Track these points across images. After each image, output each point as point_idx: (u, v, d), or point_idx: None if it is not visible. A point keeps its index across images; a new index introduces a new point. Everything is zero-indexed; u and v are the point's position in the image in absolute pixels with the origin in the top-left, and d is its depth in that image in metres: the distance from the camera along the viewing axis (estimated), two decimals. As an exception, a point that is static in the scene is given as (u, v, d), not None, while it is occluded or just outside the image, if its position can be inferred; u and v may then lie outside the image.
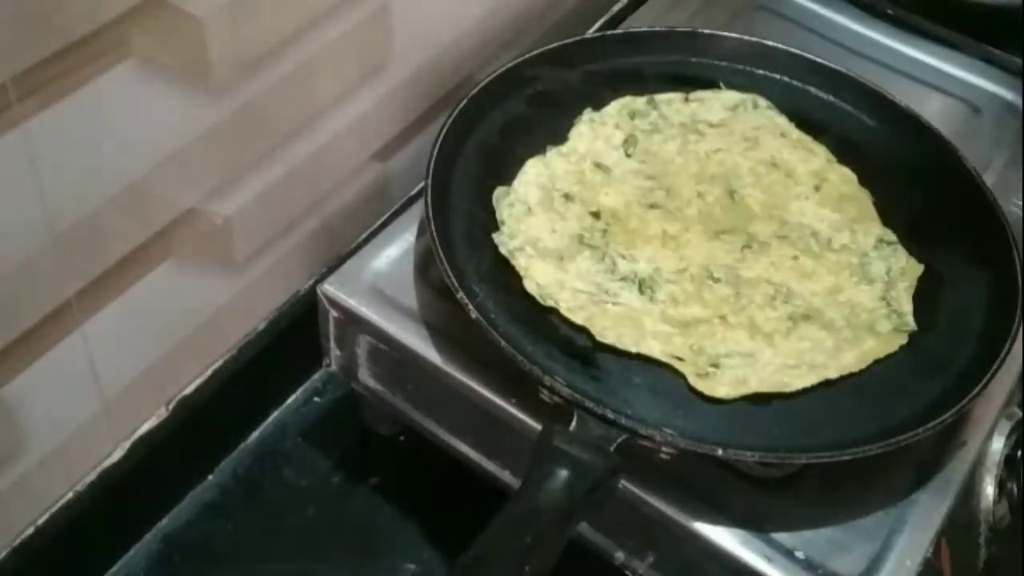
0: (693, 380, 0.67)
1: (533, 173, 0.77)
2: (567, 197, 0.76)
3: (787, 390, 0.68)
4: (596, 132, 0.81)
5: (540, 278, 0.71)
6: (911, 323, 0.72)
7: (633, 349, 0.68)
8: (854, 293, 0.73)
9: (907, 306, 0.73)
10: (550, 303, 0.70)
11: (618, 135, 0.81)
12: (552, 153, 0.79)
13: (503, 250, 0.72)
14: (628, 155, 0.80)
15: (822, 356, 0.70)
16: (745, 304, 0.72)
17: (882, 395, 0.68)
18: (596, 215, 0.76)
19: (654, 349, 0.68)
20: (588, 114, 0.82)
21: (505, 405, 0.70)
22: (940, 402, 0.67)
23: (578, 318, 0.69)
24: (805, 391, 0.68)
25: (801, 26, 1.01)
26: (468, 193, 0.76)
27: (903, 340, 0.71)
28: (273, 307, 0.83)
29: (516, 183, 0.77)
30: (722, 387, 0.67)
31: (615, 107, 0.83)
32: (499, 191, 0.76)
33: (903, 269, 0.75)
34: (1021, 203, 0.84)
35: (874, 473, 0.68)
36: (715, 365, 0.68)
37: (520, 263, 0.72)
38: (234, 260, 0.76)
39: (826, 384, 0.68)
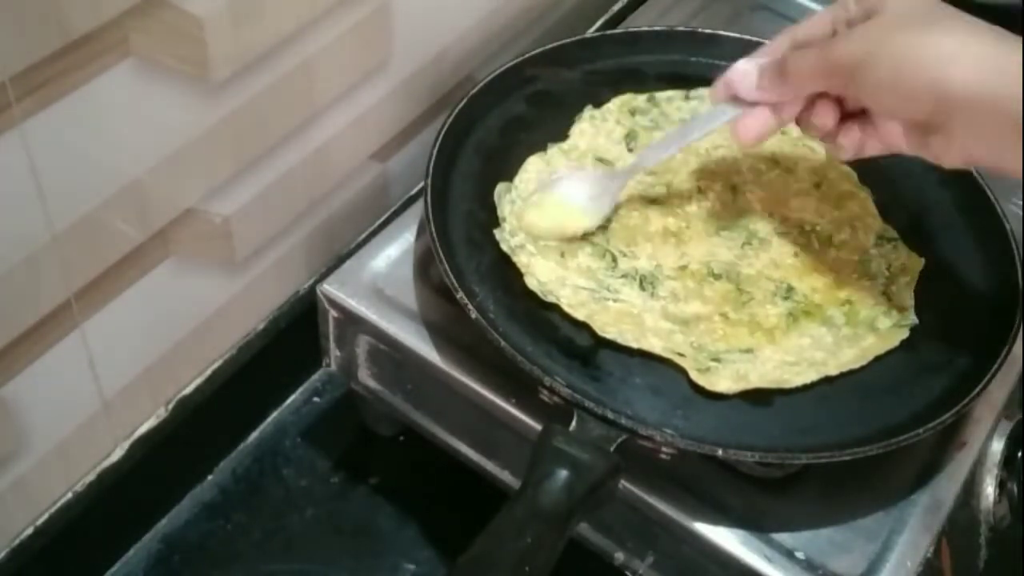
0: (694, 375, 0.67)
1: (534, 170, 0.77)
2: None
3: (787, 386, 0.68)
4: (597, 128, 0.81)
5: (541, 275, 0.71)
6: (912, 317, 0.72)
7: (634, 345, 0.68)
8: (855, 289, 0.73)
9: (908, 300, 0.73)
10: (551, 300, 0.70)
11: (619, 131, 0.81)
12: (553, 150, 0.79)
13: (504, 247, 0.72)
14: (630, 150, 0.80)
15: (822, 353, 0.70)
16: (746, 301, 0.72)
17: (882, 395, 0.68)
18: None
19: (655, 346, 0.69)
20: (589, 111, 0.82)
21: (505, 405, 0.70)
22: (940, 402, 0.67)
23: (579, 315, 0.69)
24: (805, 390, 0.68)
25: (801, 26, 1.00)
26: (468, 193, 0.76)
27: (903, 335, 0.71)
28: (273, 307, 0.83)
29: (517, 180, 0.77)
30: (723, 382, 0.67)
31: (616, 104, 0.83)
32: (500, 187, 0.76)
33: (903, 265, 0.75)
34: (1021, 203, 0.84)
35: (874, 473, 0.68)
36: (716, 360, 0.68)
37: (521, 260, 0.72)
38: (233, 260, 0.76)
39: (826, 382, 0.68)
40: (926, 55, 0.58)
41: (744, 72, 0.66)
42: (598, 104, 0.83)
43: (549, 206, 0.73)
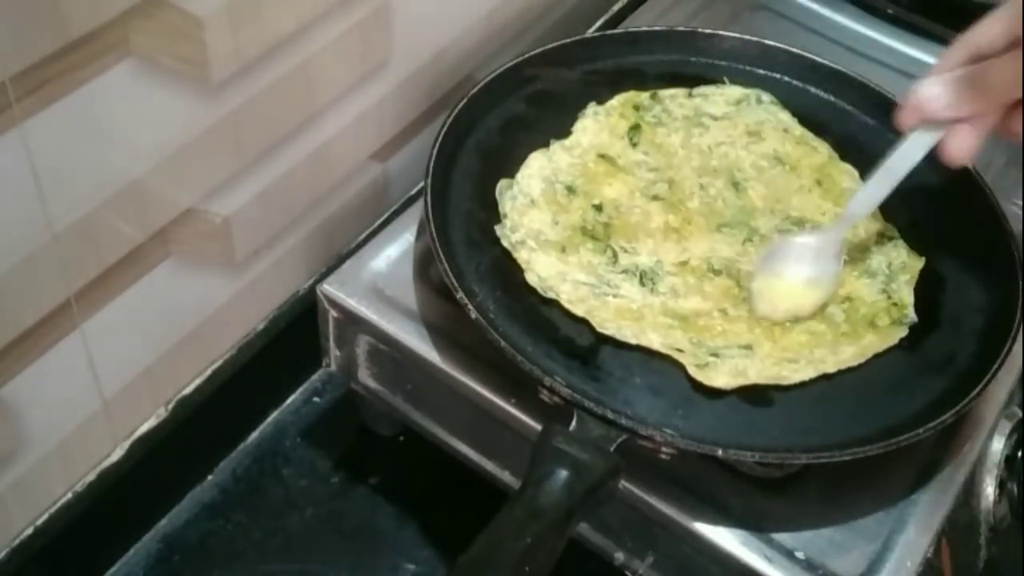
0: (692, 370, 0.67)
1: (536, 166, 0.78)
2: (570, 190, 0.77)
3: (785, 383, 0.68)
4: (601, 124, 0.81)
5: (542, 271, 0.71)
6: (912, 315, 0.72)
7: (633, 341, 0.68)
8: (855, 287, 0.73)
9: (908, 298, 0.73)
10: (551, 295, 0.70)
11: (623, 125, 0.81)
12: (556, 146, 0.79)
13: (505, 243, 0.72)
14: (634, 144, 0.80)
15: (821, 350, 0.70)
16: (745, 297, 0.72)
17: (882, 395, 0.68)
18: (599, 208, 0.76)
19: (653, 341, 0.69)
20: (592, 108, 0.82)
21: (505, 405, 0.70)
22: (940, 402, 0.67)
23: (579, 310, 0.70)
24: (805, 389, 0.68)
25: (801, 26, 1.01)
26: (468, 193, 0.76)
27: (902, 333, 0.71)
28: (273, 307, 0.83)
29: (519, 176, 0.77)
30: (721, 377, 0.67)
31: (619, 100, 0.83)
32: (502, 183, 0.76)
33: (904, 263, 0.75)
34: (1021, 203, 0.84)
35: (874, 473, 0.68)
36: (715, 355, 0.68)
37: (522, 256, 0.72)
38: (233, 260, 0.76)
39: (826, 380, 0.68)
40: None
41: (932, 95, 0.65)
42: (601, 102, 0.83)
43: (779, 293, 0.71)
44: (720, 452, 0.63)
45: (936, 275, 0.75)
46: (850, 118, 0.85)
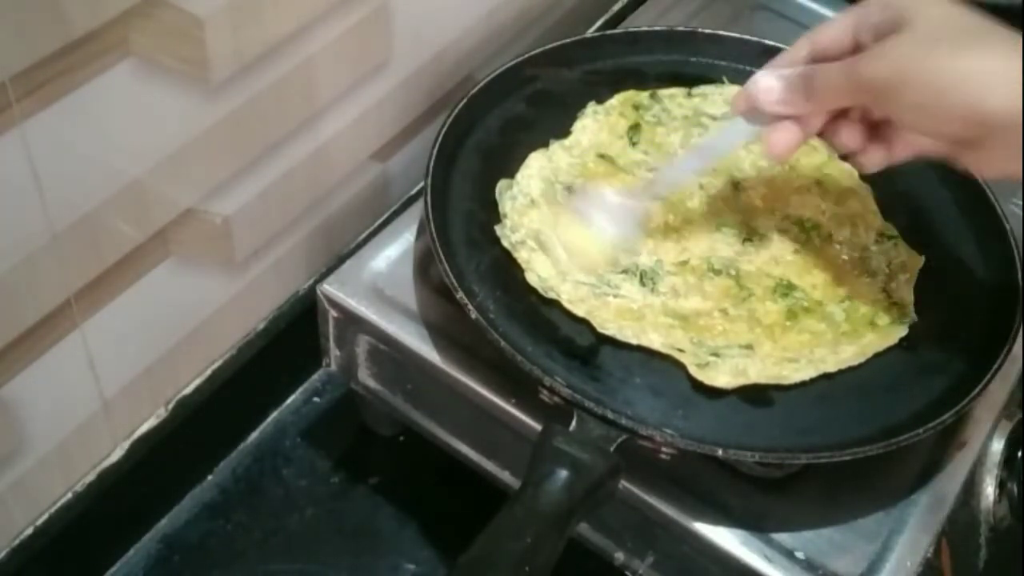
0: (693, 370, 0.67)
1: (536, 166, 0.78)
2: (570, 190, 0.77)
3: (785, 383, 0.68)
4: (600, 124, 0.81)
5: (542, 271, 0.72)
6: (912, 313, 0.72)
7: (634, 341, 0.68)
8: (855, 286, 0.73)
9: (908, 297, 0.73)
10: (552, 296, 0.70)
11: (623, 124, 0.81)
12: (555, 146, 0.79)
13: (505, 243, 0.72)
14: (633, 143, 0.80)
15: (821, 350, 0.70)
16: (745, 297, 0.72)
17: (882, 395, 0.68)
18: None
19: (654, 341, 0.69)
20: (592, 107, 0.82)
21: (505, 405, 0.70)
22: (940, 402, 0.67)
23: (579, 310, 0.70)
24: (805, 389, 0.68)
25: (801, 26, 1.00)
26: (468, 193, 0.76)
27: (903, 332, 0.71)
28: (273, 307, 0.83)
29: (519, 176, 0.77)
30: (722, 376, 0.67)
31: (619, 99, 0.83)
32: (502, 184, 0.76)
33: (903, 262, 0.75)
34: (1021, 203, 0.84)
35: (874, 473, 0.68)
36: (715, 355, 0.68)
37: (522, 256, 0.72)
38: (233, 260, 0.76)
39: (826, 380, 0.68)
40: (963, 80, 0.56)
41: (767, 87, 0.65)
42: (600, 102, 0.83)
43: (581, 238, 0.73)
44: (720, 452, 0.63)
45: (936, 275, 0.75)
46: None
